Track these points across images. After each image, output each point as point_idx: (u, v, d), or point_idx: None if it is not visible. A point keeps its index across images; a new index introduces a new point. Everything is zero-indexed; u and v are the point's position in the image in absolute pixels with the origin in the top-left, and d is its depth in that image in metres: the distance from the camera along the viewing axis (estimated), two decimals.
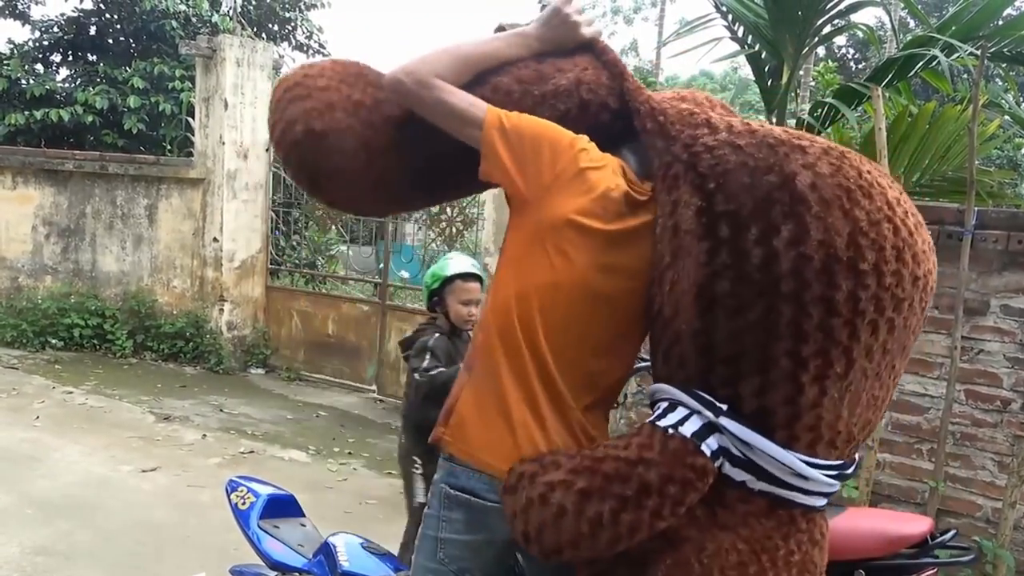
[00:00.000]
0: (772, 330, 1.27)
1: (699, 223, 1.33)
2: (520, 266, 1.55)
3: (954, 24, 4.34)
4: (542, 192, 1.52)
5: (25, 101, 9.25)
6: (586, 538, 1.31)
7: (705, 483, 1.31)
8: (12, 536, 3.69)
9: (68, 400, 5.98)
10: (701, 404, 1.33)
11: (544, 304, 1.52)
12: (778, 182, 1.27)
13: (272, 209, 7.81)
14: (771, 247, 1.26)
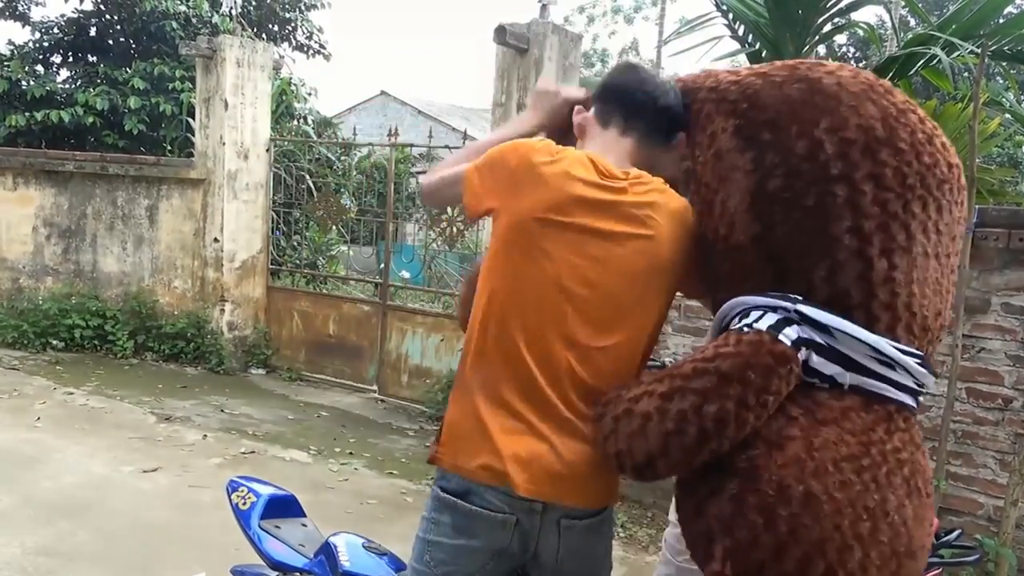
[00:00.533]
0: (831, 212, 1.32)
1: (739, 138, 1.40)
2: (491, 275, 1.56)
3: (955, 22, 4.34)
4: (507, 199, 1.53)
5: (25, 102, 9.25)
6: (674, 437, 1.27)
7: (788, 369, 1.27)
8: (14, 537, 3.69)
9: (69, 401, 5.98)
10: (774, 299, 1.33)
11: (517, 308, 1.52)
12: (807, 87, 1.38)
13: (273, 209, 7.81)
14: (814, 137, 1.33)
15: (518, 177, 1.53)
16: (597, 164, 1.55)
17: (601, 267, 1.50)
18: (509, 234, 1.53)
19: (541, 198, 1.50)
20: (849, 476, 1.23)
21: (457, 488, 1.56)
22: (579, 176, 1.51)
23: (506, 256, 1.54)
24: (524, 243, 1.51)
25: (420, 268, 7.90)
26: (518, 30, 5.57)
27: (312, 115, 10.75)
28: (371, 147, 10.15)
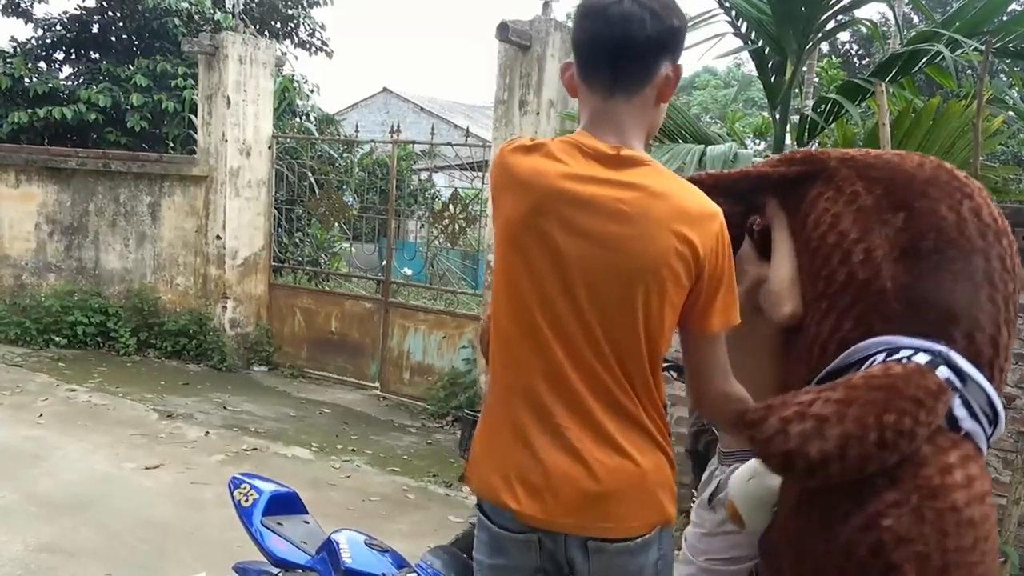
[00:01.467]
0: (975, 278, 1.51)
1: (889, 201, 1.58)
2: (495, 288, 1.55)
3: (958, 19, 4.32)
4: (495, 209, 1.53)
5: (28, 99, 9.24)
6: (853, 440, 1.33)
7: (944, 400, 1.40)
8: (16, 534, 3.69)
9: (72, 398, 5.99)
10: (924, 342, 1.47)
11: (508, 318, 1.49)
12: (945, 170, 1.61)
13: (275, 206, 7.81)
14: (960, 214, 1.54)
15: (499, 182, 1.49)
16: (583, 143, 1.43)
17: (584, 268, 1.40)
18: (503, 242, 1.49)
19: (520, 200, 1.43)
20: (987, 510, 1.41)
21: (482, 506, 1.54)
22: (557, 169, 1.41)
23: (504, 258, 1.49)
24: (517, 243, 1.45)
25: (422, 265, 7.90)
26: (520, 27, 5.56)
27: (314, 112, 10.73)
28: (373, 144, 10.15)
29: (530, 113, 5.66)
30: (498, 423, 1.51)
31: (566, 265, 1.41)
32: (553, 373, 1.44)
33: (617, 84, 1.43)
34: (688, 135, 4.58)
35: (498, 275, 1.52)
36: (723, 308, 1.47)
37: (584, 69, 1.46)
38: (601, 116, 1.45)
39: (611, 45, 1.40)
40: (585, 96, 1.48)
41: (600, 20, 1.39)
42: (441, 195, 9.66)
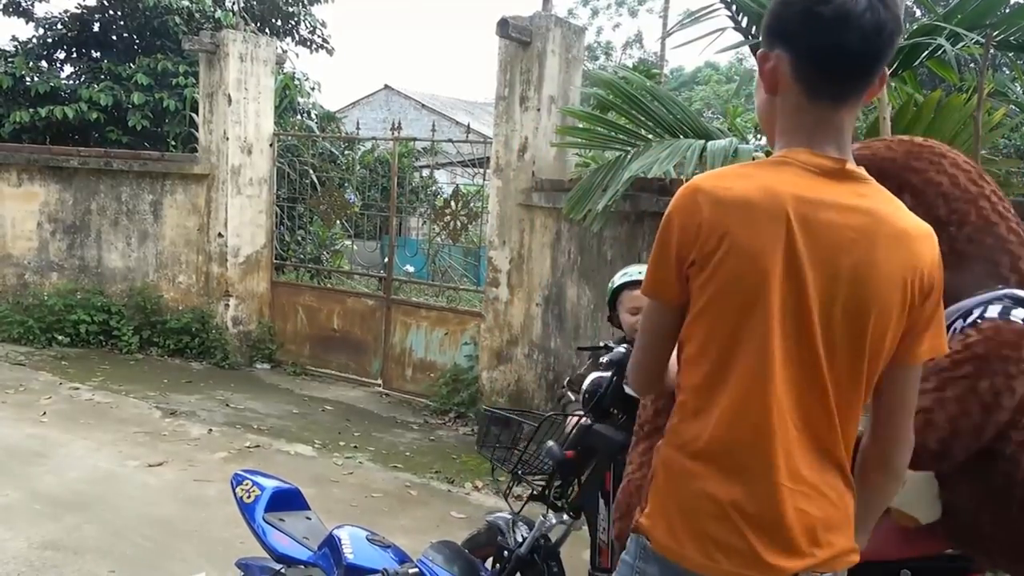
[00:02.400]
0: (991, 219, 1.65)
1: (889, 185, 1.50)
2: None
3: (960, 12, 4.30)
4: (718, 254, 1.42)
5: (30, 98, 9.26)
6: (960, 418, 1.43)
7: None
8: (20, 531, 3.71)
9: (75, 396, 6.00)
10: (988, 295, 1.55)
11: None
12: (908, 142, 1.79)
13: (276, 204, 7.81)
14: (949, 172, 1.70)
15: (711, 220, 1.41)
16: (805, 165, 1.30)
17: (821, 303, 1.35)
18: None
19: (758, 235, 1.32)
20: None
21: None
22: (790, 192, 1.29)
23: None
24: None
25: (424, 262, 7.91)
26: (521, 23, 5.56)
27: (315, 110, 10.73)
28: (374, 141, 10.16)
29: (531, 109, 5.66)
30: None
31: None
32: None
33: (848, 95, 1.31)
34: (689, 130, 4.57)
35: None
36: (933, 335, 1.36)
37: (813, 74, 1.29)
38: (825, 126, 1.31)
39: (864, 57, 1.27)
40: (797, 99, 1.32)
41: (852, 29, 1.24)
42: (443, 192, 9.66)
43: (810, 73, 1.29)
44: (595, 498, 2.60)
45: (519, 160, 5.73)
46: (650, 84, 5.01)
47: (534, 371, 5.70)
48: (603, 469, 2.54)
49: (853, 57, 1.26)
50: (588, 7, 32.60)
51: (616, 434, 2.47)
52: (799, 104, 1.31)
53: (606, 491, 2.55)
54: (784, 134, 1.34)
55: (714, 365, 1.33)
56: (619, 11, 32.98)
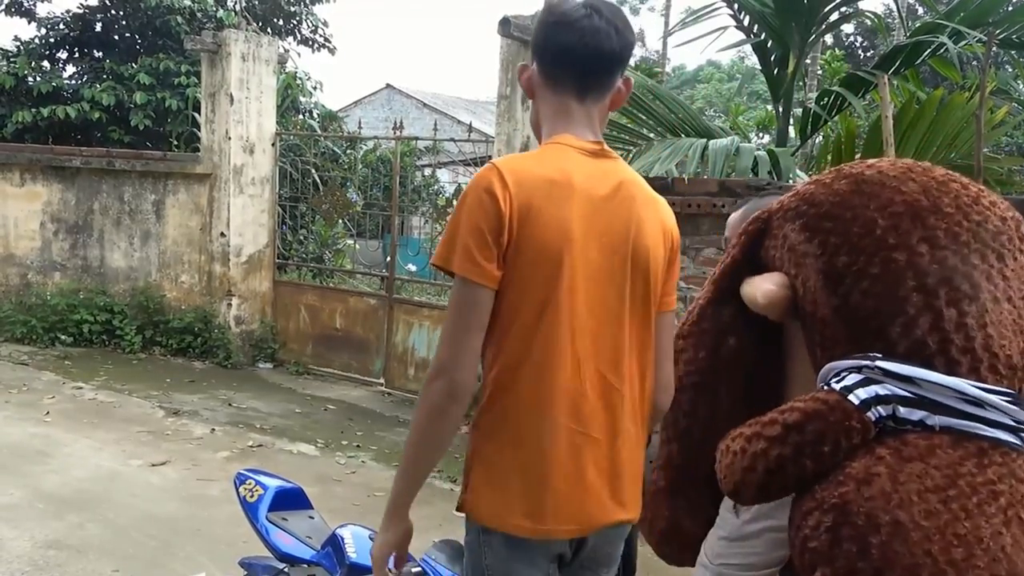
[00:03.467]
0: (894, 275, 1.49)
1: (805, 232, 1.60)
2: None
3: (962, 11, 4.31)
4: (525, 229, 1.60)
5: (32, 98, 9.27)
6: (749, 473, 1.46)
7: (847, 425, 1.42)
8: (24, 530, 3.72)
9: (78, 395, 6.01)
10: (857, 361, 1.48)
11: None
12: (851, 180, 1.59)
13: (279, 203, 7.82)
14: (867, 216, 1.53)
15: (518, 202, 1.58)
16: (573, 146, 1.56)
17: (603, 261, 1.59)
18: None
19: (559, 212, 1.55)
20: (935, 506, 1.35)
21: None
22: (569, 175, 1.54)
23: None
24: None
25: (426, 261, 7.91)
26: (522, 22, 5.56)
27: (317, 109, 10.74)
28: (376, 140, 10.17)
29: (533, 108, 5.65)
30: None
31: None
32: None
33: (588, 90, 1.57)
34: (691, 129, 4.58)
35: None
36: (673, 287, 1.69)
37: (552, 73, 1.57)
38: (577, 116, 1.58)
39: (583, 55, 1.53)
40: (549, 97, 1.60)
41: (572, 31, 1.52)
42: (445, 191, 9.67)
43: (550, 71, 1.57)
44: None
45: None
46: (652, 83, 5.01)
47: None
48: None
49: (577, 54, 1.52)
50: None
51: None
52: (551, 100, 1.59)
53: None
54: (547, 125, 1.61)
55: (524, 337, 1.49)
56: None
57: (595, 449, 1.55)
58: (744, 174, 4.07)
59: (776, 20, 4.51)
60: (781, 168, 4.23)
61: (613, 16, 1.54)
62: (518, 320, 1.49)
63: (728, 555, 1.84)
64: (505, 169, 1.47)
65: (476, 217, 1.45)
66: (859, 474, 1.40)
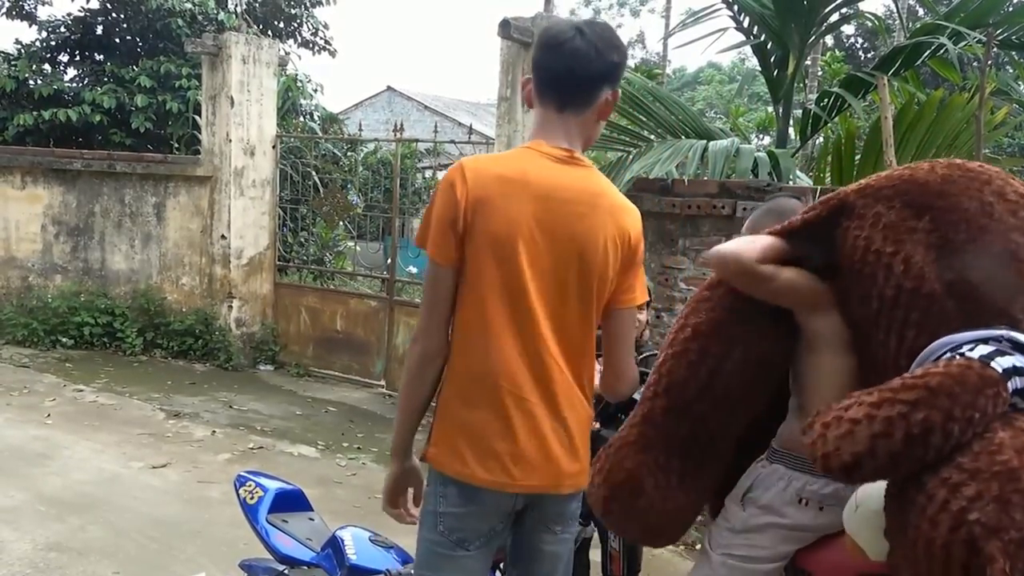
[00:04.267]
0: (1017, 255, 1.52)
1: (909, 210, 1.60)
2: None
3: (962, 12, 4.31)
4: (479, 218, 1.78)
5: (33, 101, 9.28)
6: (881, 439, 1.36)
7: (994, 391, 1.37)
8: (25, 533, 3.72)
9: (79, 398, 6.02)
10: (984, 332, 1.45)
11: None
12: (956, 167, 1.62)
13: (279, 206, 7.82)
14: (983, 199, 1.56)
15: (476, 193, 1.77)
16: (540, 151, 1.74)
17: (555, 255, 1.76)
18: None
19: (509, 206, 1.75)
20: None
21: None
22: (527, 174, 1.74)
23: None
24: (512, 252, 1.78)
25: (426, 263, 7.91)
26: (522, 24, 5.56)
27: (318, 111, 10.75)
28: (377, 143, 10.16)
29: None
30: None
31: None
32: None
33: (566, 105, 1.75)
34: (690, 130, 4.58)
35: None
36: (641, 285, 1.86)
37: (540, 88, 1.77)
38: (554, 126, 1.76)
39: (562, 74, 1.73)
40: (537, 108, 1.79)
41: (555, 52, 1.72)
42: None
43: (540, 88, 1.77)
44: None
45: None
46: (652, 85, 5.02)
47: None
48: None
49: (558, 75, 1.73)
50: (590, 7, 32.65)
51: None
52: (538, 110, 1.79)
53: None
54: (533, 132, 1.81)
55: (477, 311, 1.70)
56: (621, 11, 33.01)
57: (542, 414, 1.73)
58: (744, 175, 4.07)
59: (776, 21, 4.51)
60: (781, 169, 4.23)
61: (598, 38, 1.71)
62: (472, 296, 1.71)
63: (733, 546, 1.83)
64: (468, 167, 1.70)
65: (440, 206, 1.69)
66: (1016, 443, 1.36)
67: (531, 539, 1.84)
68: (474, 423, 1.73)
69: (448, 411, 1.77)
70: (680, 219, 4.09)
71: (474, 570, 1.79)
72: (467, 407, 1.73)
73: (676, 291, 4.12)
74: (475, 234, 1.67)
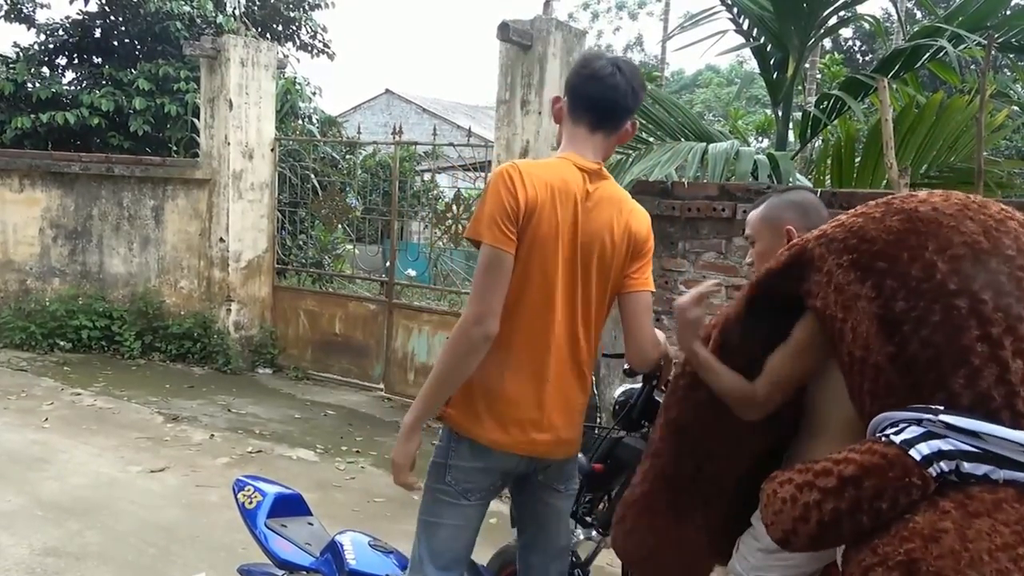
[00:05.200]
0: (958, 323, 1.42)
1: (855, 271, 1.53)
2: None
3: (961, 14, 4.31)
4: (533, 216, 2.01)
5: (31, 104, 9.28)
6: (800, 523, 1.44)
7: (907, 482, 1.36)
8: (22, 537, 3.70)
9: (77, 402, 6.00)
10: (917, 412, 1.41)
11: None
12: (905, 216, 1.52)
13: (278, 209, 7.81)
14: (926, 259, 1.46)
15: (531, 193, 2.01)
16: (576, 163, 2.00)
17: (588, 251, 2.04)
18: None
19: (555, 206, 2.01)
20: (1006, 565, 1.29)
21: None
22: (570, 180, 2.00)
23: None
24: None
25: (426, 266, 7.90)
26: (521, 26, 5.55)
27: (317, 114, 10.75)
28: (376, 145, 10.16)
29: (532, 113, 5.65)
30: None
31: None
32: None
33: (601, 128, 2.03)
34: (690, 133, 4.57)
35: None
36: (650, 275, 2.10)
37: (576, 110, 2.03)
38: (586, 143, 2.03)
39: (604, 106, 2.01)
40: (570, 126, 2.05)
41: (597, 83, 1.99)
42: (444, 196, 9.65)
43: (576, 110, 2.04)
44: None
45: None
46: (651, 87, 5.01)
47: None
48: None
49: (599, 104, 2.01)
50: (588, 11, 32.66)
51: (644, 446, 2.34)
52: (571, 127, 2.05)
53: None
54: (564, 143, 2.07)
55: (525, 295, 1.92)
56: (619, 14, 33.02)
57: (555, 388, 1.96)
58: (744, 178, 4.06)
59: (776, 23, 4.51)
60: (781, 172, 4.23)
61: (632, 77, 2.00)
62: (519, 282, 1.91)
63: (766, 567, 1.80)
64: (524, 170, 1.91)
65: (500, 198, 1.87)
66: (925, 530, 1.34)
67: (540, 498, 2.11)
68: (510, 393, 1.94)
69: (481, 380, 1.94)
70: (680, 222, 4.08)
71: (472, 517, 2.04)
72: (507, 379, 1.94)
73: (676, 293, 4.11)
74: (528, 231, 1.89)
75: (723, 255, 3.93)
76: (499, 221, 1.86)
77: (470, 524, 2.05)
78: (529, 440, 1.96)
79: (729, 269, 3.91)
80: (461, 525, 2.04)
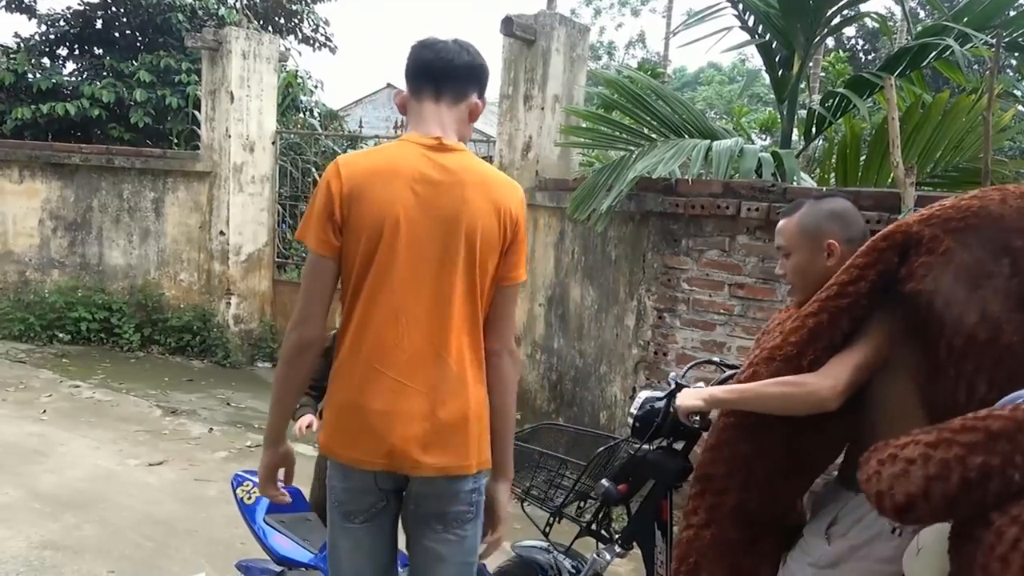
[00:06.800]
0: None
1: (985, 251, 1.47)
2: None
3: (968, 14, 4.28)
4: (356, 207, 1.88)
5: (32, 95, 9.24)
6: (936, 482, 1.31)
7: None
8: (19, 530, 3.68)
9: (75, 394, 5.98)
10: None
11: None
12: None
13: (279, 202, 7.79)
14: None
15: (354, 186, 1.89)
16: (411, 141, 1.85)
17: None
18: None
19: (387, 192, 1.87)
20: None
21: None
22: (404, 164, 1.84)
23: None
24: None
25: None
26: (525, 21, 5.53)
27: (318, 108, 10.71)
28: (377, 139, 10.12)
29: (535, 108, 5.63)
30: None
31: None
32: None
33: (443, 94, 1.88)
34: (694, 130, 4.55)
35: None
36: (523, 263, 1.91)
37: (416, 86, 1.89)
38: (429, 116, 1.87)
39: (439, 67, 1.87)
40: (412, 105, 1.91)
41: (431, 51, 1.88)
42: None
43: (414, 84, 1.89)
44: (651, 528, 2.39)
45: (523, 159, 5.70)
46: (655, 84, 4.98)
47: (537, 371, 5.67)
48: (659, 498, 2.36)
49: (434, 65, 1.87)
50: (591, 7, 32.62)
51: (670, 461, 2.32)
52: (413, 107, 1.90)
53: (663, 521, 2.36)
54: (408, 126, 1.92)
55: (352, 297, 1.80)
56: (622, 11, 32.98)
57: (411, 395, 1.77)
58: (748, 175, 4.04)
59: (781, 21, 4.48)
60: (786, 170, 4.20)
61: (466, 45, 1.91)
62: (351, 283, 1.81)
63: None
64: (342, 163, 1.81)
65: (319, 198, 1.79)
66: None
67: (414, 535, 1.91)
68: (343, 404, 1.82)
69: (329, 394, 1.87)
70: (683, 219, 4.05)
71: (361, 541, 1.89)
72: (341, 389, 1.83)
73: (679, 291, 4.09)
74: (351, 224, 1.77)
75: (726, 253, 3.91)
76: (320, 223, 1.77)
77: (360, 547, 1.89)
78: (385, 452, 1.77)
79: (732, 267, 3.89)
80: (351, 548, 1.90)
